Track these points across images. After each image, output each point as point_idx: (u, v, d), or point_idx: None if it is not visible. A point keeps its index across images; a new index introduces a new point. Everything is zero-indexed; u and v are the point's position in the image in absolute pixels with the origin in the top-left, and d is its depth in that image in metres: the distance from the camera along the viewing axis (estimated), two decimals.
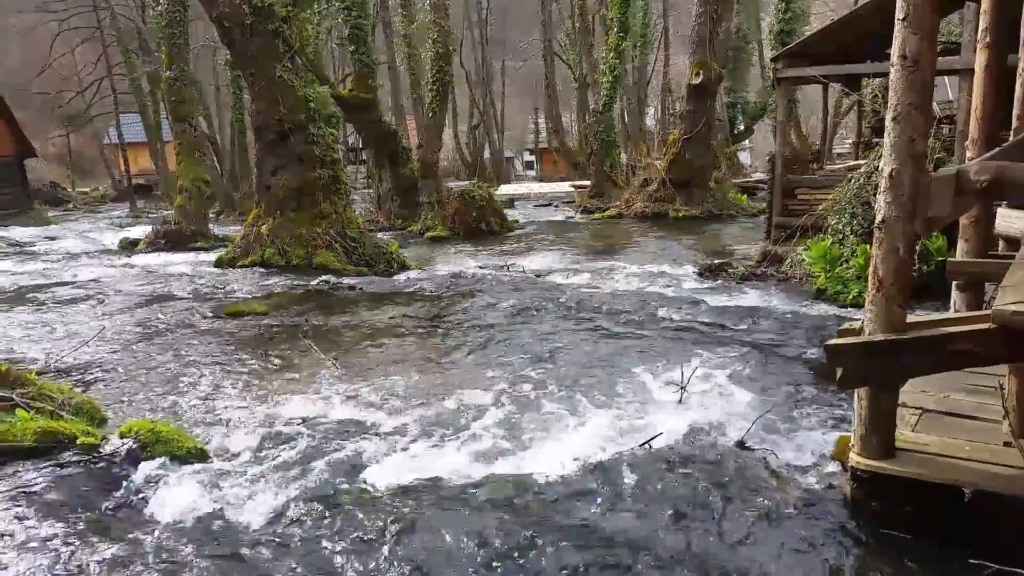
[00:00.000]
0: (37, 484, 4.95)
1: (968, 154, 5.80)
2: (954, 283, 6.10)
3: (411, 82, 28.97)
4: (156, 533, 4.45)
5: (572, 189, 33.18)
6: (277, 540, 4.34)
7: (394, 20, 29.37)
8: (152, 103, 38.58)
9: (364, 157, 38.59)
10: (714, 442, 5.45)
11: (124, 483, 5.09)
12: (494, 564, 4.02)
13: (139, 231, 23.63)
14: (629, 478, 4.91)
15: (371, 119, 24.06)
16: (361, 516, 4.55)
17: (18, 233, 25.80)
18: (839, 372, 4.03)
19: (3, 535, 4.33)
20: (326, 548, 4.23)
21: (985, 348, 3.83)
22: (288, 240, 15.39)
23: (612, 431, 5.82)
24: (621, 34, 28.11)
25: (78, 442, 5.46)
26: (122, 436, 5.58)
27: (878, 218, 3.98)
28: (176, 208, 22.16)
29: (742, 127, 39.70)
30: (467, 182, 30.46)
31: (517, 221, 24.34)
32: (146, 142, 41.17)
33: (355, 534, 4.36)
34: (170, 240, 20.76)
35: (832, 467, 4.93)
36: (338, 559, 4.12)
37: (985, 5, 5.68)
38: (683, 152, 24.12)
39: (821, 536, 4.16)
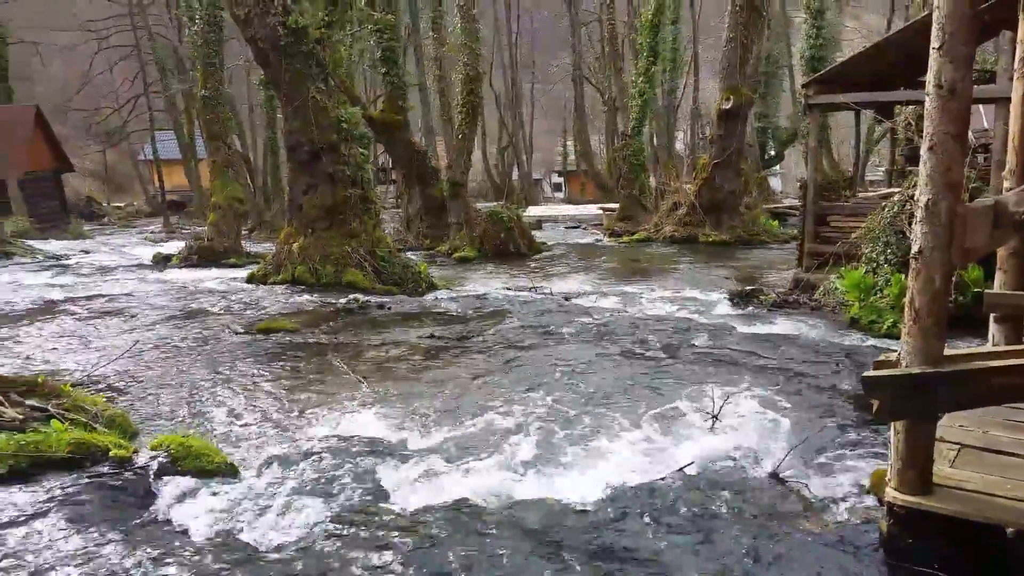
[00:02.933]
0: (70, 495, 5.01)
1: (1006, 184, 5.71)
2: (992, 315, 5.99)
3: (441, 104, 29.25)
4: (184, 548, 4.48)
5: (600, 212, 33.16)
6: (304, 559, 4.35)
7: (425, 43, 29.72)
8: (187, 121, 39.33)
9: (394, 177, 38.93)
10: (746, 472, 5.38)
11: (154, 496, 5.14)
12: None
13: (172, 246, 23.97)
14: (659, 506, 4.87)
15: (401, 140, 24.34)
16: (388, 537, 4.55)
17: (55, 246, 26.27)
18: (875, 405, 3.97)
19: (35, 545, 4.38)
20: (352, 569, 4.22)
21: None
22: (318, 258, 15.53)
23: (642, 458, 5.78)
24: (651, 59, 28.22)
25: (110, 455, 5.53)
26: (153, 450, 5.64)
27: (914, 248, 3.93)
28: (209, 225, 22.47)
29: (773, 152, 39.56)
30: (495, 203, 30.58)
31: (545, 243, 24.37)
32: (180, 159, 41.93)
33: (382, 555, 4.35)
34: (203, 256, 21.02)
35: (867, 501, 4.85)
36: None
37: (1022, 34, 5.62)
38: (713, 177, 24.06)
39: (855, 572, 4.08)
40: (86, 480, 5.20)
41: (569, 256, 22.21)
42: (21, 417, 5.99)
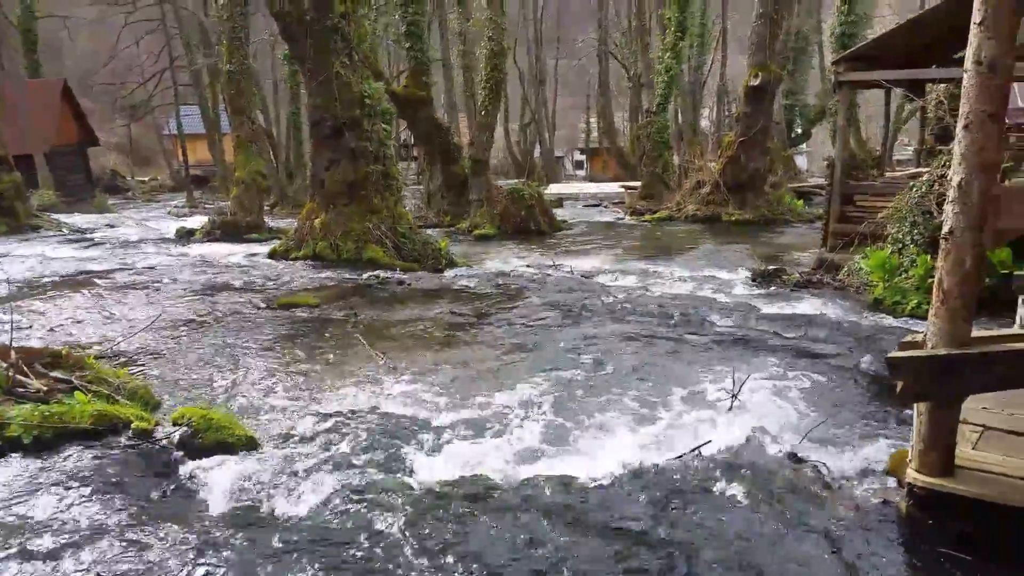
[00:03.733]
0: (92, 466, 5.09)
1: None
2: (1020, 297, 5.90)
3: (464, 79, 29.05)
4: (205, 518, 4.54)
5: (622, 190, 32.87)
6: (323, 531, 4.39)
7: (450, 17, 29.50)
8: (211, 96, 39.35)
9: (415, 153, 38.85)
10: (765, 452, 5.34)
11: (176, 468, 5.20)
12: (537, 565, 4.00)
13: (196, 221, 24.12)
14: (677, 485, 4.85)
15: (424, 116, 24.21)
16: (405, 511, 4.57)
17: (80, 220, 26.51)
18: (899, 386, 3.92)
19: (56, 514, 4.45)
20: (370, 541, 4.25)
21: None
22: (340, 234, 15.57)
23: (660, 436, 5.76)
24: (679, 34, 27.81)
25: (133, 426, 5.60)
26: (175, 422, 5.70)
27: (945, 228, 3.86)
28: (232, 199, 22.57)
29: (800, 130, 38.95)
30: (517, 180, 30.39)
31: (565, 221, 24.25)
32: (204, 134, 42.00)
33: (400, 529, 4.37)
34: (226, 231, 21.12)
35: (887, 482, 4.80)
36: (381, 553, 4.14)
37: None
38: (738, 155, 23.73)
39: (874, 552, 4.05)
40: (108, 451, 5.28)
41: (590, 234, 22.10)
42: (45, 389, 6.08)
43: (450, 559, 4.06)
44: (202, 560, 4.04)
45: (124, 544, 4.17)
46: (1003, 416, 4.74)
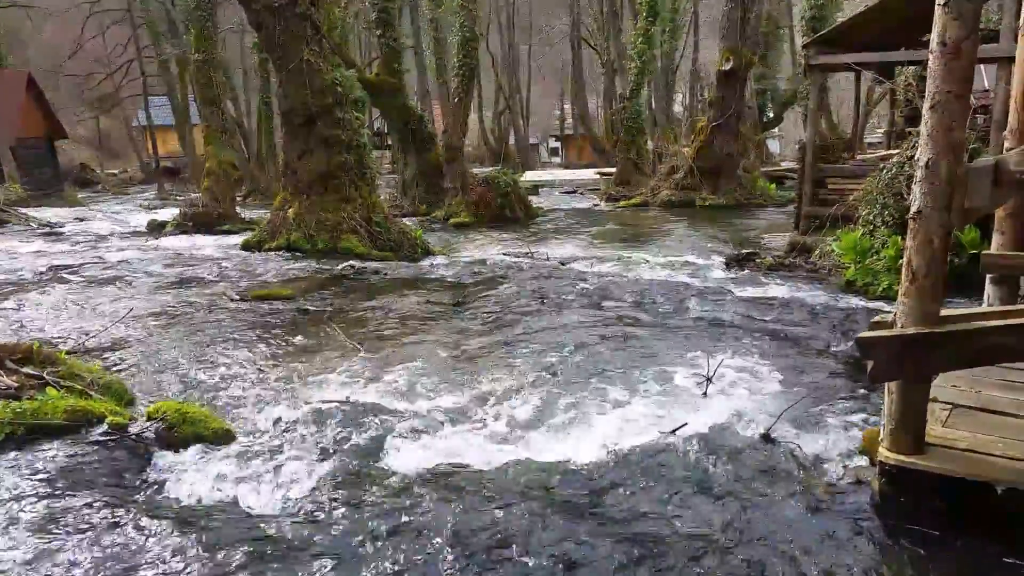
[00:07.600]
0: (66, 462, 5.01)
1: (1007, 144, 5.66)
2: (988, 276, 5.98)
3: (437, 67, 28.88)
4: (182, 513, 4.50)
5: (597, 176, 32.96)
6: (301, 523, 4.37)
7: (421, 4, 29.26)
8: (180, 86, 38.76)
9: (389, 142, 38.62)
10: (740, 434, 5.40)
11: (151, 463, 5.15)
12: (519, 550, 4.02)
13: (167, 213, 23.78)
14: (653, 468, 4.88)
15: (397, 104, 24.05)
16: (385, 501, 4.57)
17: (49, 214, 26.05)
18: (870, 365, 3.97)
19: (32, 511, 4.39)
20: (350, 532, 4.24)
21: None
22: (314, 224, 15.44)
23: (636, 421, 5.80)
24: (650, 19, 27.83)
25: (107, 421, 5.53)
26: (150, 416, 5.63)
27: (913, 209, 3.90)
28: (204, 191, 22.27)
29: (771, 114, 39.15)
30: (492, 168, 30.32)
31: (541, 208, 24.25)
32: (174, 125, 41.44)
33: (379, 518, 4.37)
34: (198, 223, 20.83)
35: (860, 461, 4.87)
36: (362, 543, 4.13)
37: None
38: (711, 140, 23.88)
39: (848, 530, 4.11)
40: (82, 447, 5.20)
41: (566, 221, 22.12)
42: (17, 385, 5.99)
43: (430, 547, 4.06)
44: (177, 554, 4.01)
45: (98, 539, 4.13)
46: (972, 394, 4.81)
